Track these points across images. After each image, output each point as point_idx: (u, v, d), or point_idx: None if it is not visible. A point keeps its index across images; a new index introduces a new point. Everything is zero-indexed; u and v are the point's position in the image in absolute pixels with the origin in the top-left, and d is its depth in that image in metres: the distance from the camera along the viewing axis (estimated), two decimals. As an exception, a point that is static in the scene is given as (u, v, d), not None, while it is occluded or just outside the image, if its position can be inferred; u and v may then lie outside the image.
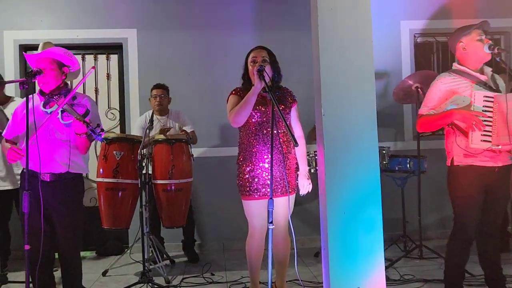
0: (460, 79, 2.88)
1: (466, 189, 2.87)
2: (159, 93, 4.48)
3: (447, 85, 2.88)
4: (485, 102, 2.72)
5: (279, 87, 3.10)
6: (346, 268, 2.26)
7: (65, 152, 2.85)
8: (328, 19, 2.30)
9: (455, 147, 2.89)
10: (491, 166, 2.82)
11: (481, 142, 2.72)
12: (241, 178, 3.02)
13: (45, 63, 2.84)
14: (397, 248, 4.54)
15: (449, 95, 2.86)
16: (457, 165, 2.88)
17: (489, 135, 2.71)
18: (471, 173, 2.84)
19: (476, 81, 2.86)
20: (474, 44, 2.88)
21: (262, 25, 5.08)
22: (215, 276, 3.96)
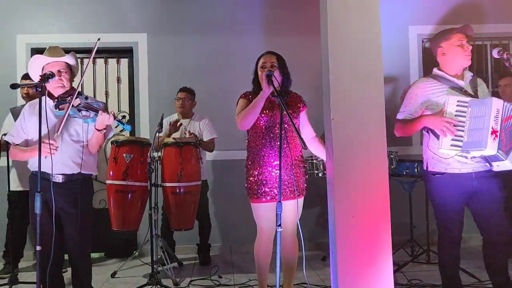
0: (436, 84, 2.87)
1: (442, 196, 2.85)
2: (182, 96, 4.54)
3: (422, 89, 2.88)
4: (458, 107, 2.68)
5: (288, 92, 3.13)
6: (354, 272, 2.28)
7: (77, 152, 2.89)
8: (338, 24, 2.33)
9: (427, 152, 2.89)
10: (466, 173, 2.78)
11: (450, 147, 2.67)
12: (249, 181, 3.05)
13: (60, 67, 2.89)
14: (404, 252, 4.53)
15: (423, 99, 2.86)
16: (431, 171, 2.86)
17: (460, 140, 2.67)
18: (444, 180, 2.81)
19: (451, 86, 2.84)
20: (454, 49, 2.85)
21: (271, 29, 5.13)
22: (223, 279, 3.98)
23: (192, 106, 4.62)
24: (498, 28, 5.14)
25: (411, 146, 5.15)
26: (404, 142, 5.16)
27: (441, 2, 5.23)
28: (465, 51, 2.84)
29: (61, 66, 2.90)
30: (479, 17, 5.15)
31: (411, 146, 5.16)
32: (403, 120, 2.94)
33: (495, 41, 5.31)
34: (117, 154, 3.87)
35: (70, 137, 2.89)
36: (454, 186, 2.81)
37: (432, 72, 2.98)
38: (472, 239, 4.59)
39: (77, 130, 2.91)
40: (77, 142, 2.91)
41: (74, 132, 2.90)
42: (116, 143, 3.89)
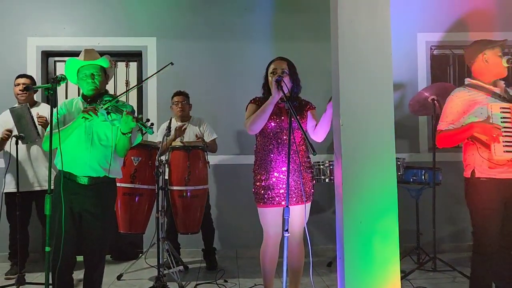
0: (475, 92, 2.91)
1: (486, 202, 2.86)
2: (181, 100, 4.57)
3: (463, 98, 2.90)
4: (502, 114, 2.75)
5: (298, 98, 3.15)
6: (361, 278, 2.28)
7: (106, 156, 2.92)
8: (348, 31, 2.34)
9: (477, 159, 2.88)
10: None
11: (504, 153, 2.73)
12: (256, 186, 3.06)
13: (94, 70, 2.94)
14: (411, 260, 4.52)
15: (466, 108, 2.88)
16: (478, 177, 2.87)
17: (510, 145, 2.73)
18: (492, 186, 2.84)
19: (491, 94, 2.89)
20: (496, 59, 2.92)
21: (281, 35, 5.15)
22: (228, 283, 3.98)
23: (189, 109, 4.65)
24: (506, 36, 5.10)
25: (418, 153, 5.15)
26: (412, 149, 5.17)
27: (450, 10, 5.23)
28: (504, 62, 2.92)
29: (95, 68, 2.94)
30: (487, 25, 5.14)
31: (418, 153, 5.16)
32: (446, 130, 2.93)
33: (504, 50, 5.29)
34: (125, 157, 3.88)
35: (100, 141, 2.92)
36: (499, 192, 2.85)
37: (466, 82, 3.02)
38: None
39: (106, 134, 2.93)
40: (106, 147, 2.93)
41: (104, 136, 2.93)
42: (125, 145, 3.90)
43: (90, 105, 2.85)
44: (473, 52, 3.02)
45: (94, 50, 3.03)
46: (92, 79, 2.94)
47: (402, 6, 5.10)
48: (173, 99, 4.61)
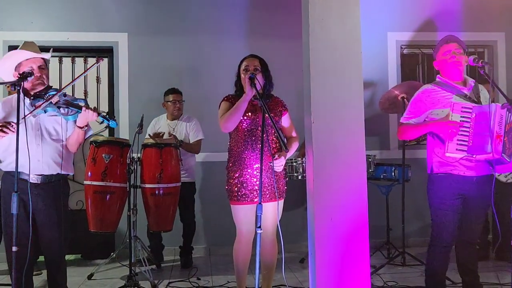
0: (441, 90, 2.96)
1: (443, 197, 2.93)
2: (178, 98, 4.50)
3: (428, 95, 2.96)
4: (463, 113, 2.78)
5: (270, 96, 3.16)
6: (332, 273, 2.31)
7: (57, 152, 2.85)
8: (319, 29, 2.37)
9: (434, 156, 2.97)
10: (469, 176, 2.89)
11: (456, 151, 2.77)
12: (230, 183, 3.06)
13: (40, 63, 2.84)
14: (381, 255, 4.62)
15: (430, 105, 2.94)
16: (436, 173, 2.96)
17: (465, 144, 2.77)
18: (448, 182, 2.91)
19: (456, 93, 2.93)
20: (443, 59, 2.96)
21: (254, 32, 5.15)
22: (201, 281, 3.98)
23: (183, 107, 4.61)
24: (474, 36, 5.27)
25: (389, 150, 5.24)
26: (382, 146, 5.26)
27: (419, 10, 5.34)
28: (450, 60, 2.93)
29: (41, 62, 2.85)
30: (455, 25, 5.27)
31: (389, 150, 5.25)
32: (407, 124, 3.02)
33: (471, 49, 5.44)
34: (96, 155, 3.83)
35: (50, 136, 2.84)
36: (455, 188, 2.91)
37: (436, 79, 3.08)
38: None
39: (56, 129, 2.86)
40: (57, 141, 2.86)
41: (53, 131, 2.86)
42: (95, 143, 3.85)
43: (36, 100, 2.75)
44: (434, 54, 3.09)
45: (34, 43, 2.93)
46: (39, 74, 2.80)
47: (373, 6, 5.18)
48: (169, 97, 4.53)
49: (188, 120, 4.56)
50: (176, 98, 4.50)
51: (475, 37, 5.23)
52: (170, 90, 4.55)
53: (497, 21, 5.37)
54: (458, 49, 2.96)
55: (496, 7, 5.36)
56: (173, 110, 4.49)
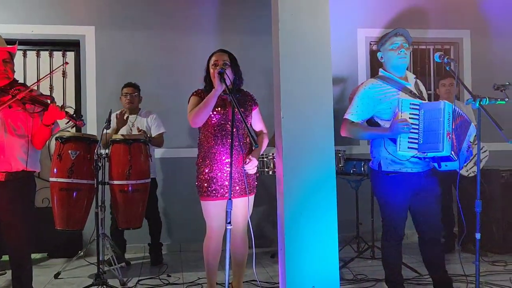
0: (386, 85, 2.91)
1: (392, 195, 2.92)
2: (130, 92, 4.44)
3: (374, 91, 2.90)
4: (411, 110, 2.73)
5: (240, 90, 3.14)
6: (301, 268, 2.32)
7: (23, 148, 2.76)
8: (289, 25, 2.36)
9: (383, 153, 2.91)
10: (417, 172, 2.90)
11: (408, 149, 2.73)
12: (200, 179, 3.04)
13: (5, 57, 2.74)
14: (351, 249, 4.68)
15: (377, 102, 2.88)
16: (385, 171, 2.91)
17: (415, 142, 2.73)
18: (398, 180, 2.88)
19: (401, 88, 2.90)
20: (388, 53, 2.93)
21: (224, 27, 5.12)
22: (172, 278, 3.93)
23: (139, 101, 4.54)
24: (441, 34, 5.38)
25: (358, 146, 5.30)
26: (352, 141, 5.31)
27: (388, 7, 5.40)
28: (398, 54, 2.88)
29: (5, 55, 2.75)
30: (423, 22, 5.37)
31: (358, 145, 5.31)
32: (356, 123, 2.89)
33: (437, 46, 5.56)
34: (62, 151, 3.73)
35: (15, 131, 2.76)
36: (405, 185, 2.90)
37: (379, 73, 3.03)
38: (414, 235, 4.76)
39: (21, 125, 2.78)
40: (22, 137, 2.77)
41: (18, 127, 2.77)
42: (61, 139, 3.75)
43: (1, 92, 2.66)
44: (380, 44, 3.05)
45: (0, 36, 2.84)
46: (3, 67, 2.73)
47: (344, 2, 5.22)
48: (123, 90, 4.47)
49: (147, 115, 4.50)
50: (128, 92, 4.44)
51: (442, 34, 5.33)
52: (126, 83, 4.50)
53: (462, 19, 5.49)
54: (405, 43, 2.92)
55: (462, 5, 5.48)
56: (125, 103, 4.43)
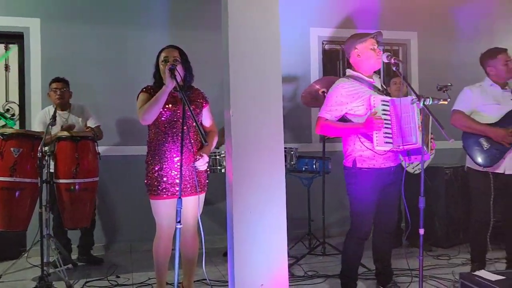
0: (357, 84, 3.03)
1: (366, 191, 3.01)
2: (59, 87, 4.27)
3: (347, 89, 2.99)
4: (383, 106, 2.88)
5: (191, 87, 3.11)
6: (250, 266, 2.32)
7: None
8: (238, 21, 2.35)
9: (358, 150, 3.00)
10: (388, 167, 3.02)
11: (385, 144, 2.85)
12: (149, 177, 2.98)
13: None
14: (303, 245, 4.73)
15: (349, 99, 2.97)
16: (359, 167, 3.00)
17: (390, 136, 2.86)
18: (371, 175, 2.99)
19: (370, 86, 3.04)
20: (368, 52, 3.03)
21: (176, 23, 5.03)
22: (121, 279, 3.84)
23: (69, 97, 4.38)
24: (389, 35, 5.49)
25: (311, 143, 5.37)
26: (305, 139, 5.38)
27: (340, 7, 5.49)
28: (377, 55, 3.01)
29: None
30: (374, 23, 5.48)
31: (310, 143, 5.37)
32: (331, 121, 2.99)
33: (387, 47, 5.71)
34: (3, 148, 3.54)
35: None
36: (378, 180, 3.00)
37: (347, 73, 3.13)
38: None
39: None
40: None
41: None
42: (2, 136, 3.56)
43: None
44: (347, 47, 3.14)
45: None
46: None
47: (296, 2, 5.27)
48: (52, 86, 4.30)
49: (80, 109, 4.37)
50: (58, 87, 4.28)
51: (391, 36, 5.46)
52: (54, 79, 4.33)
53: (410, 21, 5.66)
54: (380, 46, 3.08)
55: (409, 7, 5.65)
56: (55, 98, 4.28)
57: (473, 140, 3.51)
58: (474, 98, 3.54)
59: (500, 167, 3.48)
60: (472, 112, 3.55)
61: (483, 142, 3.48)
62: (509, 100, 3.53)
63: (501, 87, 3.57)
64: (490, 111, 3.50)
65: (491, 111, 3.50)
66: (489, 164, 3.47)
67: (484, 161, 3.47)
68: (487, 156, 3.46)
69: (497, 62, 3.54)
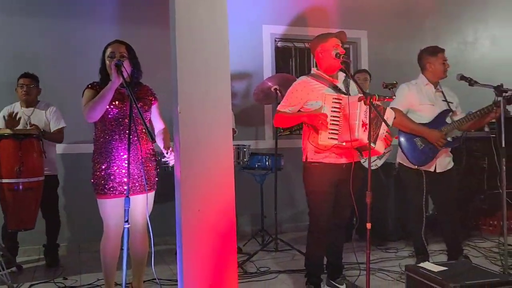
0: (315, 82, 3.14)
1: (318, 185, 3.11)
2: (26, 83, 4.12)
3: (304, 86, 3.13)
4: (333, 104, 2.97)
5: (139, 84, 3.05)
6: (199, 264, 2.30)
7: None
8: (185, 18, 2.31)
9: (308, 145, 3.13)
10: (339, 163, 3.09)
11: (328, 140, 2.95)
12: (96, 176, 2.90)
13: None
14: (256, 242, 4.75)
15: (305, 96, 3.10)
16: (310, 161, 3.13)
17: (336, 133, 2.95)
18: (321, 170, 3.09)
19: (329, 85, 3.13)
20: (328, 51, 3.11)
21: (126, 18, 4.91)
22: (68, 281, 3.73)
23: (37, 93, 4.23)
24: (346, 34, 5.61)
25: (264, 140, 5.39)
26: (258, 136, 5.40)
27: (292, 5, 5.53)
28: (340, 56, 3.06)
29: None
30: (325, 21, 5.56)
31: (264, 140, 5.40)
32: (283, 112, 3.15)
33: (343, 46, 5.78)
34: None
35: None
36: (330, 176, 3.08)
37: (312, 72, 3.24)
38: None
39: None
40: None
41: None
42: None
43: None
44: (311, 46, 3.26)
45: None
46: None
47: (249, -2, 5.27)
48: (19, 81, 4.15)
49: (46, 107, 4.22)
50: (25, 83, 4.14)
51: (345, 34, 5.55)
52: (22, 74, 4.19)
53: (360, 19, 5.78)
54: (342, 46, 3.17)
55: (359, 6, 5.77)
56: (21, 94, 4.14)
57: (408, 139, 3.66)
58: (411, 95, 3.69)
59: (432, 166, 3.67)
60: (408, 111, 3.69)
61: (418, 141, 3.64)
62: (441, 100, 3.71)
63: (434, 87, 3.73)
64: (425, 111, 3.67)
65: (426, 111, 3.67)
66: (422, 163, 3.64)
67: (418, 160, 3.63)
68: (421, 156, 3.63)
69: (437, 60, 3.69)
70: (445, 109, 3.69)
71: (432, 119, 3.65)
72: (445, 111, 3.69)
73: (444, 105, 3.71)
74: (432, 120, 3.65)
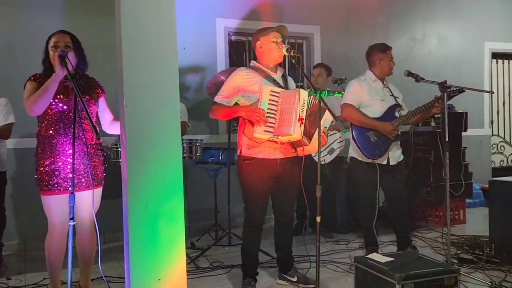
0: (253, 74, 3.13)
1: (251, 180, 3.10)
2: None
3: (241, 77, 3.11)
4: (271, 96, 2.95)
5: (85, 76, 2.95)
6: (146, 261, 2.26)
7: None
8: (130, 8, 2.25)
9: (243, 138, 3.11)
10: (273, 158, 3.09)
11: (263, 132, 2.92)
12: (39, 171, 2.80)
13: None
14: (209, 237, 4.73)
15: (242, 87, 3.09)
16: (244, 156, 3.10)
17: (272, 126, 2.92)
18: (255, 166, 3.07)
19: (266, 77, 3.12)
20: (269, 44, 3.12)
21: (73, 7, 4.73)
22: (12, 281, 3.59)
23: None
24: (294, 28, 5.63)
25: (218, 135, 5.36)
26: (212, 130, 5.36)
27: (246, -1, 5.52)
28: (278, 48, 3.09)
29: None
30: (279, 16, 5.58)
31: (218, 134, 5.36)
32: (219, 104, 3.10)
33: (292, 40, 5.84)
34: None
35: None
36: (263, 171, 3.06)
37: (251, 64, 3.24)
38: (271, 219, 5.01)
39: None
40: None
41: None
42: None
43: None
44: (252, 40, 3.26)
45: None
46: None
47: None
48: None
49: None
50: None
51: (296, 29, 5.59)
52: None
53: (314, 15, 5.84)
54: (283, 40, 3.16)
55: (313, 2, 5.83)
56: None
57: (361, 132, 3.74)
58: (362, 91, 3.78)
59: (384, 159, 3.77)
60: (360, 106, 3.77)
61: (371, 135, 3.73)
62: (389, 95, 3.82)
63: (381, 82, 3.84)
64: (376, 106, 3.77)
65: (377, 106, 3.77)
66: (376, 157, 3.73)
67: (372, 153, 3.72)
68: (375, 149, 3.72)
69: (386, 57, 3.80)
70: (394, 104, 3.80)
71: (382, 113, 3.76)
72: (394, 106, 3.80)
73: (393, 100, 3.82)
74: (383, 115, 3.75)
